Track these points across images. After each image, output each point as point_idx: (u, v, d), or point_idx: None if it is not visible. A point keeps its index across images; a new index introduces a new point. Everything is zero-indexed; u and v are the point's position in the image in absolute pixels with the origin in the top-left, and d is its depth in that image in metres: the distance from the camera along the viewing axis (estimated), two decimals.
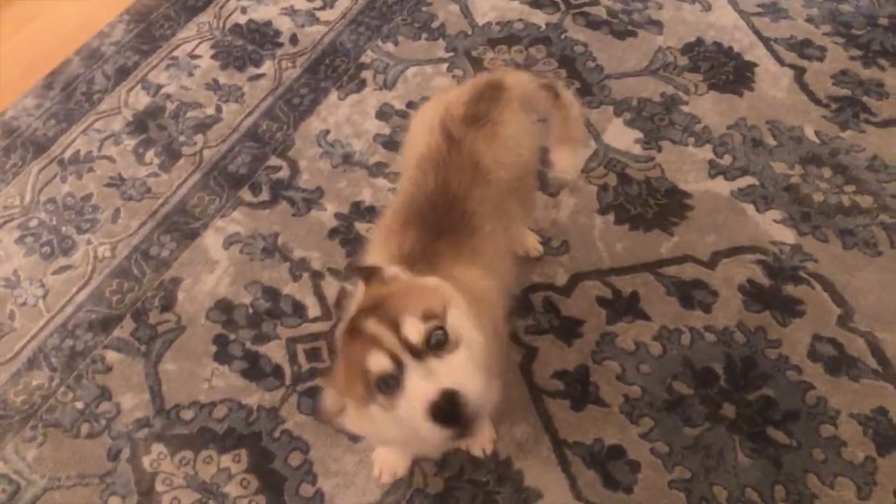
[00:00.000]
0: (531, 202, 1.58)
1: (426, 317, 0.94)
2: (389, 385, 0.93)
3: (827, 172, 1.89)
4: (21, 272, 1.74)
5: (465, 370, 0.93)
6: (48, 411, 1.56)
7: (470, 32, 2.18)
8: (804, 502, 1.44)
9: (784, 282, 1.72)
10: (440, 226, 1.18)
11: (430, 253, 1.14)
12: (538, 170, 1.83)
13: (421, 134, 1.34)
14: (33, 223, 1.82)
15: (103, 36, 2.16)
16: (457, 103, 1.34)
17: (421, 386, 0.90)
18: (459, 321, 0.98)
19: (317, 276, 1.73)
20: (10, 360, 1.62)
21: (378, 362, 0.93)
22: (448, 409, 0.88)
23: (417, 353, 0.92)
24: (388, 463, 1.48)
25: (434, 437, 0.90)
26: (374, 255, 1.20)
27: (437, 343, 0.94)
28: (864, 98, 2.02)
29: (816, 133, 1.96)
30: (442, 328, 0.95)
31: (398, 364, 0.92)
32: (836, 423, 1.53)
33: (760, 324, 1.66)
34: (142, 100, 2.04)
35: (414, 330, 0.93)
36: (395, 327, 0.93)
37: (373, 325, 0.94)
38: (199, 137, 1.96)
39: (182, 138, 1.96)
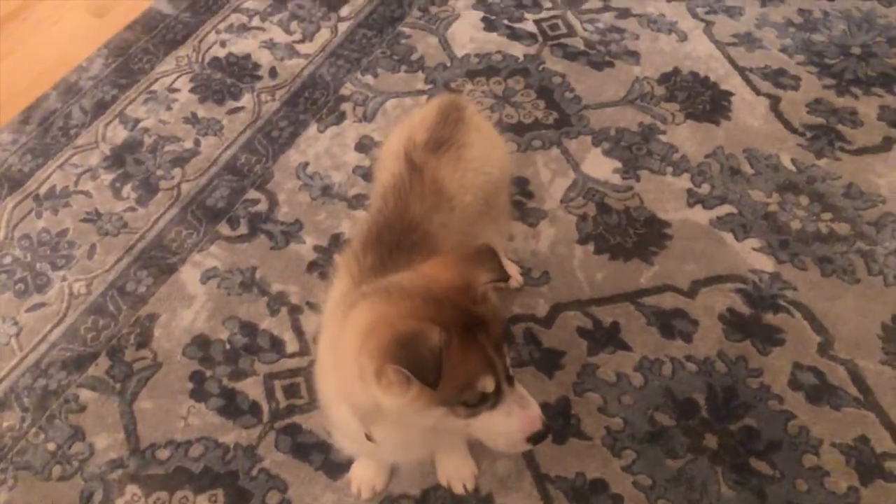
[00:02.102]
0: (505, 220, 1.58)
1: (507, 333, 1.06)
2: (483, 402, 1.01)
3: (804, 200, 1.90)
4: None
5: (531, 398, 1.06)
6: (19, 453, 1.52)
7: (449, 64, 2.19)
8: None
9: (764, 310, 1.72)
10: (397, 244, 1.18)
11: (387, 266, 1.13)
12: (514, 196, 1.85)
13: (387, 162, 1.34)
14: (7, 260, 1.80)
15: (81, 70, 2.16)
16: (420, 128, 1.33)
17: (522, 415, 1.03)
18: None
19: (295, 310, 1.71)
20: None
21: (488, 385, 1.00)
22: (544, 435, 1.05)
23: (510, 381, 1.03)
24: (366, 478, 1.46)
25: (515, 449, 1.10)
26: (339, 280, 1.19)
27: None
28: (839, 126, 2.04)
29: (793, 161, 1.98)
30: None
31: (498, 388, 1.01)
32: (819, 453, 1.52)
33: (741, 353, 1.66)
34: (119, 134, 2.03)
35: (508, 359, 1.04)
36: (500, 353, 1.01)
37: (487, 347, 0.99)
38: (176, 171, 1.95)
39: (160, 172, 1.95)
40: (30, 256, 1.80)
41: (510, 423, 1.03)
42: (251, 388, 1.60)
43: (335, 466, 1.50)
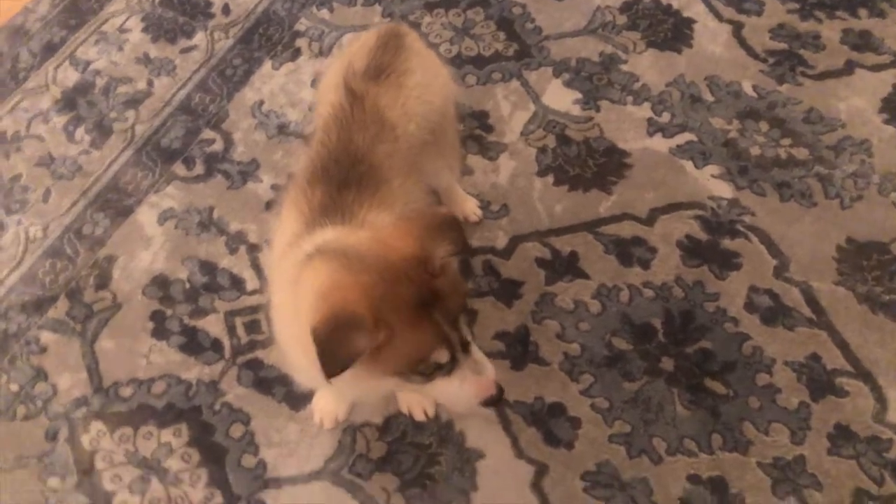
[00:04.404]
0: (453, 153, 1.55)
1: (465, 306, 1.06)
2: (428, 372, 1.02)
3: (764, 126, 1.90)
4: None
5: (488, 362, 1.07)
6: None
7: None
8: (740, 449, 1.47)
9: (721, 236, 1.73)
10: (345, 179, 1.17)
11: (337, 204, 1.13)
12: (474, 130, 1.84)
13: (327, 93, 1.32)
14: None
15: (28, 12, 2.09)
16: (359, 56, 1.31)
17: (476, 380, 1.05)
18: None
19: (254, 248, 1.70)
20: None
21: (442, 357, 1.01)
22: (497, 399, 1.07)
23: (465, 348, 1.04)
24: (328, 409, 1.48)
25: (470, 411, 1.20)
26: (286, 215, 1.19)
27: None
28: (801, 51, 2.03)
29: (754, 88, 1.97)
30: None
31: (453, 357, 1.02)
32: (772, 372, 1.55)
33: (698, 278, 1.67)
34: (70, 76, 1.98)
35: (466, 330, 1.05)
36: (455, 325, 1.01)
37: (441, 322, 0.99)
38: (130, 113, 1.91)
39: (113, 114, 1.91)
40: None
41: (464, 388, 1.05)
42: (212, 326, 1.61)
43: (297, 398, 1.52)
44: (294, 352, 1.14)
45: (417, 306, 0.97)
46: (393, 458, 1.46)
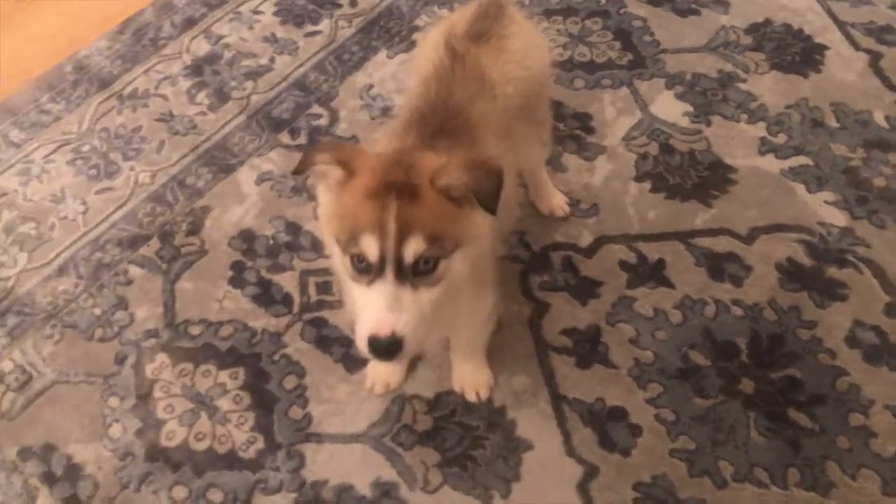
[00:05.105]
0: (544, 127, 1.52)
1: (432, 239, 0.96)
2: (360, 268, 0.99)
3: (894, 158, 1.75)
4: (67, 190, 1.83)
5: (420, 316, 0.98)
6: (68, 314, 1.62)
7: (527, 3, 2.16)
8: (820, 489, 1.31)
9: (828, 263, 1.59)
10: (440, 128, 1.16)
11: (429, 149, 1.12)
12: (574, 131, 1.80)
13: (426, 54, 1.33)
14: (85, 148, 1.92)
15: None
16: (461, 21, 1.33)
17: (380, 309, 0.96)
18: (459, 265, 1.02)
19: None
20: (43, 266, 1.69)
21: (369, 248, 0.96)
22: (386, 350, 0.97)
23: (400, 271, 0.97)
24: (382, 375, 1.46)
25: (359, 344, 1.00)
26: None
27: (421, 271, 0.98)
28: None
29: (886, 118, 1.82)
30: (436, 262, 0.99)
31: (381, 263, 0.96)
32: (868, 414, 1.39)
33: (795, 303, 1.54)
34: (202, 47, 2.12)
35: (411, 251, 0.96)
36: (404, 235, 0.95)
37: (392, 213, 0.95)
38: (249, 84, 2.02)
39: (233, 83, 2.02)
40: (105, 147, 1.91)
41: (366, 309, 0.99)
42: (286, 281, 1.64)
43: (354, 361, 1.51)
44: (331, 247, 1.11)
45: (390, 187, 0.96)
46: (438, 433, 1.41)
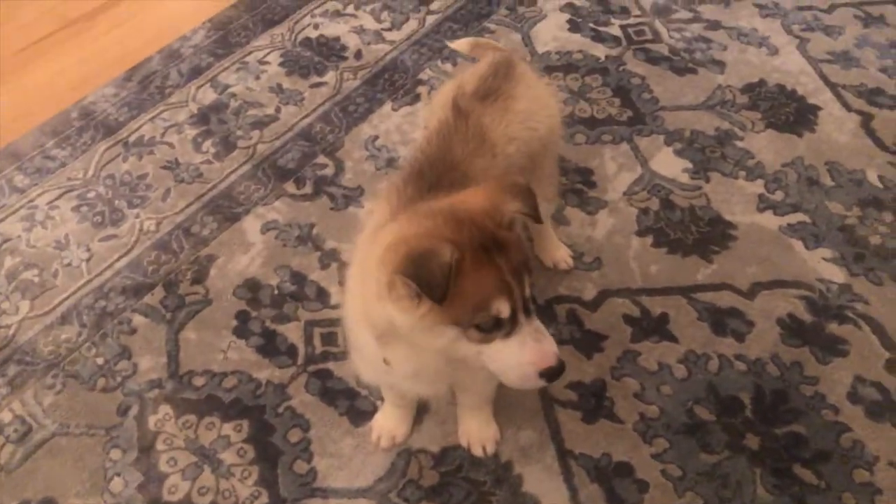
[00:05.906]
0: (550, 184, 1.54)
1: (531, 269, 1.04)
2: (489, 328, 1.00)
3: (888, 217, 1.79)
4: (71, 237, 1.83)
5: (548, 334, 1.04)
6: (70, 363, 1.60)
7: (529, 59, 2.21)
8: None
9: (828, 319, 1.62)
10: (437, 181, 1.18)
11: (424, 201, 1.14)
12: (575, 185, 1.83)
13: (435, 110, 1.37)
14: (91, 195, 1.92)
15: (184, 39, 2.31)
16: (470, 79, 1.36)
17: (535, 346, 1.01)
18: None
19: (345, 266, 1.74)
20: (46, 314, 1.68)
21: (502, 309, 0.99)
22: (557, 372, 1.03)
23: (527, 312, 1.02)
24: (388, 428, 1.45)
25: (526, 384, 1.06)
26: (378, 211, 1.21)
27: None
28: None
29: (880, 178, 1.87)
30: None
31: (513, 315, 1.00)
32: (873, 470, 1.40)
33: (797, 359, 1.56)
34: (209, 96, 2.15)
35: (528, 289, 1.02)
36: (521, 280, 1.00)
37: (504, 271, 0.98)
38: (255, 133, 2.04)
39: (239, 132, 2.05)
40: (111, 193, 1.92)
41: (523, 353, 1.02)
42: (291, 332, 1.63)
43: (359, 414, 1.50)
44: (359, 329, 1.14)
45: (481, 249, 0.97)
46: (444, 489, 1.40)
